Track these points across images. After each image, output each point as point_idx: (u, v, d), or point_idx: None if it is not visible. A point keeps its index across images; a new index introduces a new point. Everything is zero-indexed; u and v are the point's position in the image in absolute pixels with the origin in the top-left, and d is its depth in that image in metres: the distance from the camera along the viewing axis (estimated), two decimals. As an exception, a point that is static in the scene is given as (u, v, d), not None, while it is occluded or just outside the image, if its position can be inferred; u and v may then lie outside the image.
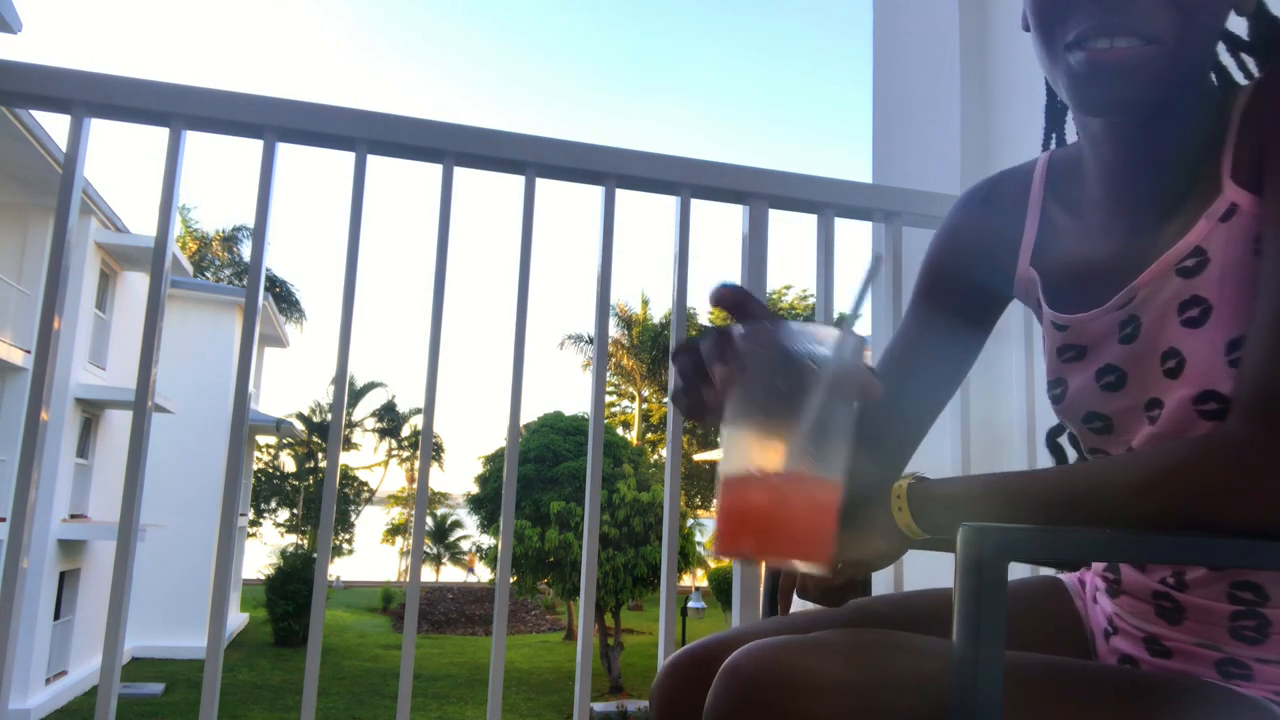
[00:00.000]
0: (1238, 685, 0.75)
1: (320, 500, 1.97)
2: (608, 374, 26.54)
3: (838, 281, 1.59)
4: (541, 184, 1.40)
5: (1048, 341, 0.89)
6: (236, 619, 22.47)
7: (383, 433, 35.05)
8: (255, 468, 29.70)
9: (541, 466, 18.68)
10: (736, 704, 0.67)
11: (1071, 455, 0.99)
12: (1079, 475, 0.71)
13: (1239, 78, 0.81)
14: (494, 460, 20.77)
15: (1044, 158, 0.93)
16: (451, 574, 32.32)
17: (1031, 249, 0.91)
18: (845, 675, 0.67)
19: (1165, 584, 0.79)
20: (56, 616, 14.76)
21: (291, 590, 20.62)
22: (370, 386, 34.06)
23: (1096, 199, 0.84)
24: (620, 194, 1.43)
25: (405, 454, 35.36)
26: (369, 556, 35.31)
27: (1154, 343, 0.76)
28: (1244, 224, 0.70)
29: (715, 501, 0.63)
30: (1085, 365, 0.83)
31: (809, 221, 1.53)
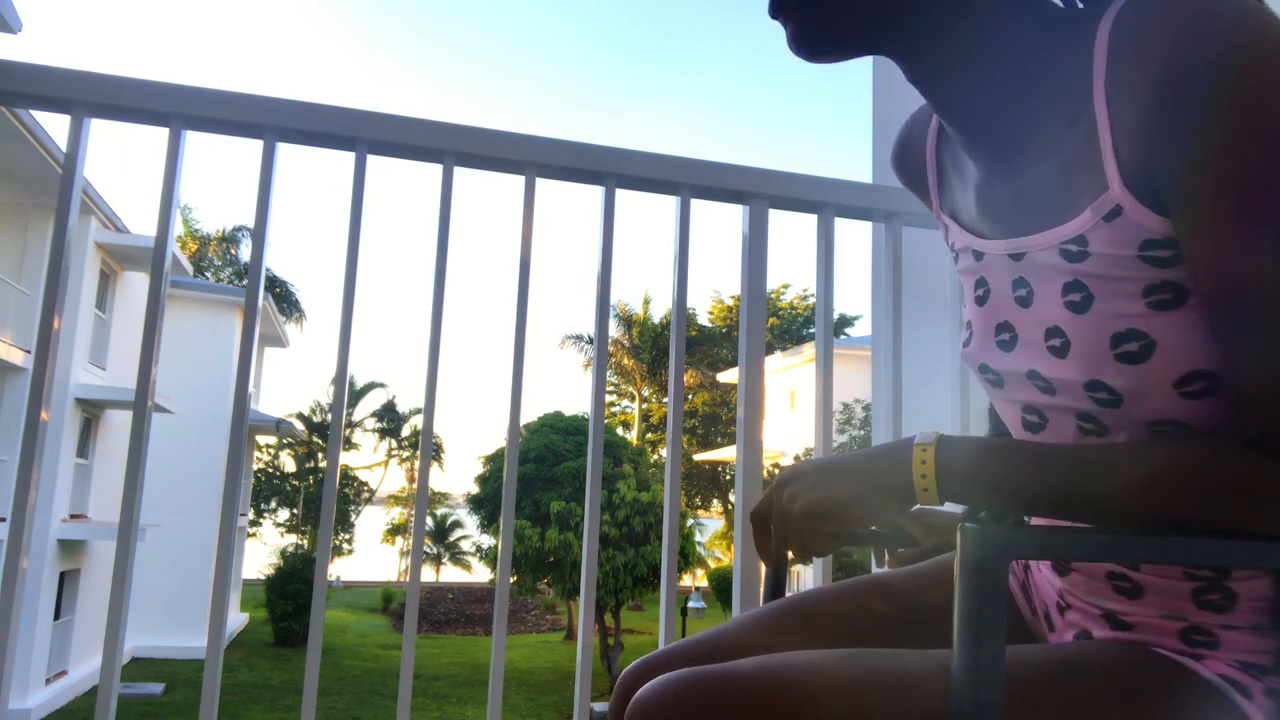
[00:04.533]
0: (1203, 653, 0.74)
1: (320, 500, 1.97)
2: (608, 374, 26.57)
3: (838, 281, 1.59)
4: (541, 184, 1.40)
5: (966, 279, 0.86)
6: (236, 619, 22.47)
7: (383, 433, 35.05)
8: (255, 468, 29.69)
9: (541, 466, 18.67)
10: None
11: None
12: (1089, 466, 0.69)
13: None
14: (494, 460, 20.76)
15: None
16: (451, 574, 32.34)
17: (936, 191, 0.90)
18: (761, 700, 0.67)
19: (1119, 563, 0.78)
20: (56, 616, 14.75)
21: (291, 590, 20.62)
22: (370, 386, 34.07)
23: (960, 143, 0.81)
24: (620, 194, 1.43)
25: (405, 454, 35.36)
26: (369, 556, 35.32)
27: (1041, 315, 0.75)
28: (1127, 228, 0.67)
29: None
30: (987, 315, 0.82)
31: (809, 221, 1.53)
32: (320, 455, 31.68)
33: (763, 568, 1.22)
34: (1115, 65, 0.66)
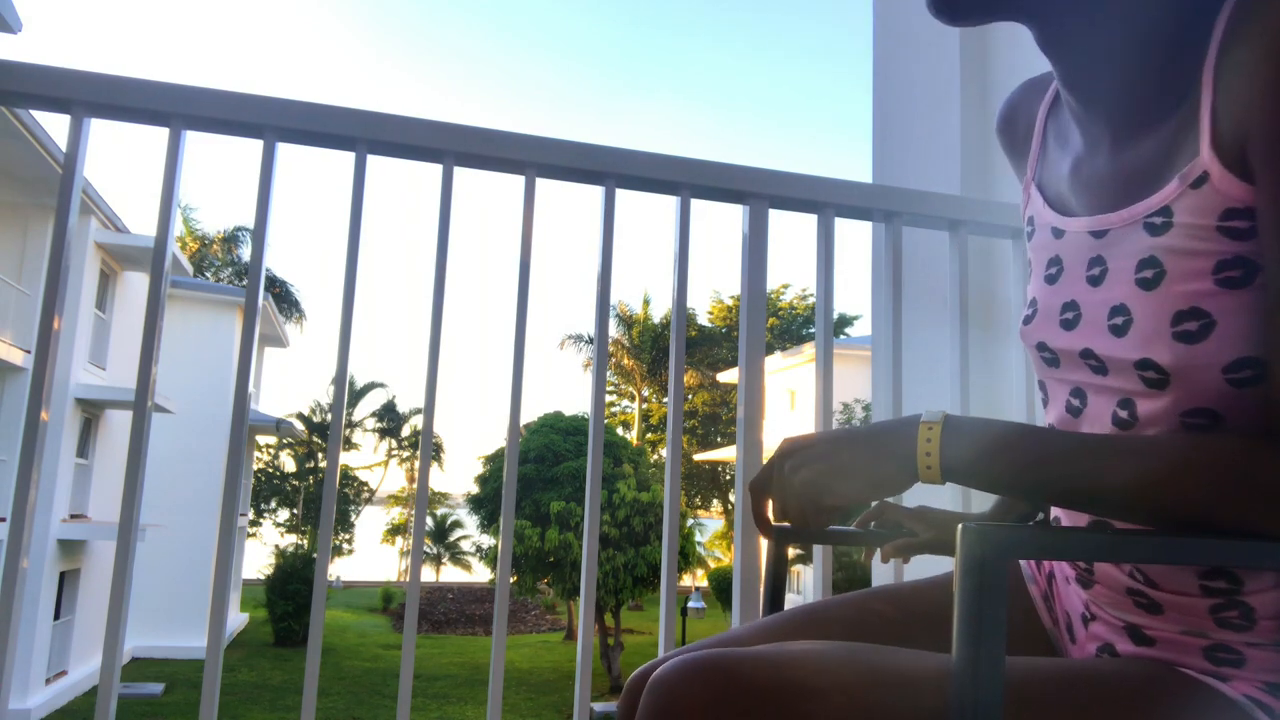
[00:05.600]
0: (1229, 672, 0.74)
1: (320, 500, 1.97)
2: (608, 374, 26.54)
3: (837, 281, 1.59)
4: (541, 184, 1.40)
5: (1039, 255, 0.87)
6: (236, 619, 22.46)
7: (383, 433, 35.05)
8: (255, 468, 29.68)
9: (541, 466, 18.67)
10: (657, 717, 0.67)
11: None
12: (1100, 458, 0.68)
13: None
14: (494, 460, 20.76)
15: None
16: (451, 574, 32.33)
17: (1035, 160, 0.91)
18: (784, 686, 0.67)
19: (1136, 580, 0.77)
20: (56, 616, 14.75)
21: (291, 590, 20.62)
22: (370, 386, 34.06)
23: (1075, 115, 0.82)
24: (620, 194, 1.43)
25: (405, 454, 35.35)
26: (369, 556, 35.31)
27: (1109, 294, 0.75)
28: (1210, 195, 0.67)
29: None
30: (1055, 293, 0.82)
31: (809, 221, 1.53)
32: (320, 455, 31.68)
33: (763, 568, 1.22)
34: (1228, 39, 0.67)
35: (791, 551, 1.05)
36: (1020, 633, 0.92)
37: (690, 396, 31.18)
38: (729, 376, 28.73)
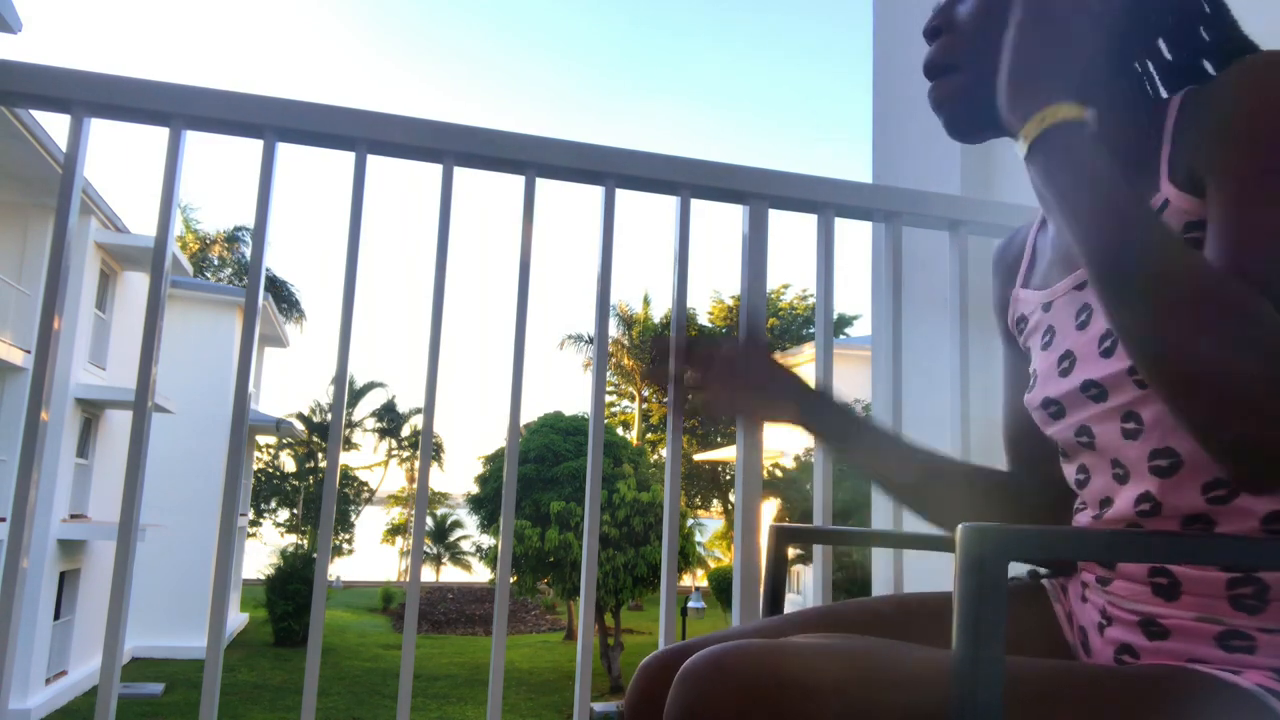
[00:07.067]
0: (1241, 659, 0.74)
1: (320, 500, 1.97)
2: (608, 374, 26.55)
3: (837, 281, 1.59)
4: (541, 184, 1.40)
5: (1035, 338, 0.94)
6: (236, 619, 22.47)
7: (383, 433, 35.06)
8: (255, 468, 29.69)
9: (541, 466, 18.67)
10: (691, 709, 0.67)
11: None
12: (1152, 236, 0.68)
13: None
14: (494, 460, 20.76)
15: None
16: (451, 574, 32.33)
17: (1024, 272, 1.00)
18: (811, 679, 0.67)
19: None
20: (56, 616, 14.75)
21: (291, 590, 20.63)
22: (370, 386, 34.08)
23: None
24: (620, 194, 1.43)
25: (405, 454, 35.36)
26: (369, 556, 35.31)
27: (1095, 329, 0.83)
28: (1173, 215, 0.77)
29: None
30: (1051, 354, 0.90)
31: (809, 221, 1.53)
32: (320, 455, 31.69)
33: (762, 568, 1.22)
34: (1185, 104, 0.79)
35: (791, 551, 1.05)
36: (1043, 644, 0.93)
37: (690, 396, 31.12)
38: (729, 376, 28.65)
